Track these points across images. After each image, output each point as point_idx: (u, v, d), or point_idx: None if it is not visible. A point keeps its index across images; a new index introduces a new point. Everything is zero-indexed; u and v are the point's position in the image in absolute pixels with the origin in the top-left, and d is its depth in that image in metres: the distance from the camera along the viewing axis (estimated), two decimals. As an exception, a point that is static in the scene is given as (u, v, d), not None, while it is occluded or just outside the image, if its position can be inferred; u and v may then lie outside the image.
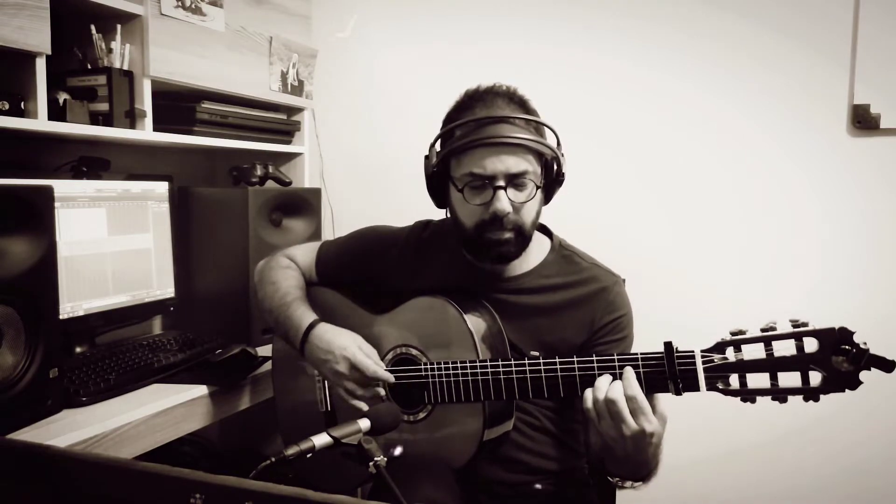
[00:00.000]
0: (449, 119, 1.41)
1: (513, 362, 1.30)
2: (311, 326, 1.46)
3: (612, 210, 2.18)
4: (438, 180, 1.41)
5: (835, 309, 1.98)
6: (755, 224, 2.08)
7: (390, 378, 1.39)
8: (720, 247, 2.11)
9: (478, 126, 1.33)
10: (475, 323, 1.39)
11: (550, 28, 2.22)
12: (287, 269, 1.63)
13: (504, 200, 1.32)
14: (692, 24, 2.09)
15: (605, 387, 1.19)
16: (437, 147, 1.41)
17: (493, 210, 1.32)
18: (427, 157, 1.42)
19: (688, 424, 1.86)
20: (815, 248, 2.03)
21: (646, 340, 1.44)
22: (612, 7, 2.16)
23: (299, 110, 2.43)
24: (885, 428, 1.99)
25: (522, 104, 1.38)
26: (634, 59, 2.14)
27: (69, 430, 1.35)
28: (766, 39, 2.02)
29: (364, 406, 1.39)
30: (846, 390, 1.10)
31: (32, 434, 1.32)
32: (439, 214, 1.53)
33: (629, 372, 1.19)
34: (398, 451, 1.08)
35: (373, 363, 1.39)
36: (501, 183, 1.32)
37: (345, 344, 1.41)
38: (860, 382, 1.10)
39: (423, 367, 1.40)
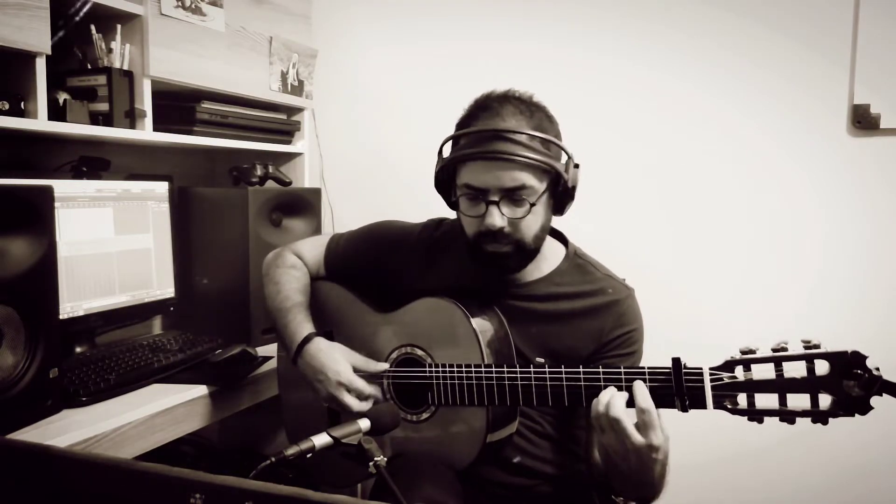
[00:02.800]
0: (460, 125, 1.39)
1: (518, 369, 1.30)
2: (306, 341, 1.47)
3: (611, 209, 2.18)
4: (447, 183, 1.41)
5: (835, 308, 1.99)
6: (755, 223, 2.08)
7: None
8: (720, 246, 2.11)
9: (476, 139, 1.31)
10: (482, 326, 1.38)
11: (550, 28, 2.22)
12: (291, 270, 1.62)
13: (495, 216, 1.30)
14: (692, 24, 2.09)
15: (607, 401, 1.18)
16: (447, 151, 1.40)
17: (485, 225, 1.32)
18: (438, 158, 1.42)
19: (690, 430, 1.86)
20: (816, 248, 2.03)
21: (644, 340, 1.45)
22: (613, 7, 2.15)
23: (299, 110, 2.43)
24: (886, 432, 1.98)
25: (532, 112, 1.34)
26: (634, 58, 2.14)
27: (69, 430, 1.35)
28: (767, 40, 2.02)
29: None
30: (856, 415, 1.09)
31: (32, 434, 1.32)
32: (440, 214, 1.52)
33: (641, 387, 1.18)
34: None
35: (368, 388, 1.41)
36: (494, 198, 1.30)
37: (338, 368, 1.42)
38: (871, 408, 1.08)
39: (427, 368, 1.40)
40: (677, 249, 2.14)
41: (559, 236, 1.51)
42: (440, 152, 1.40)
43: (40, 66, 1.51)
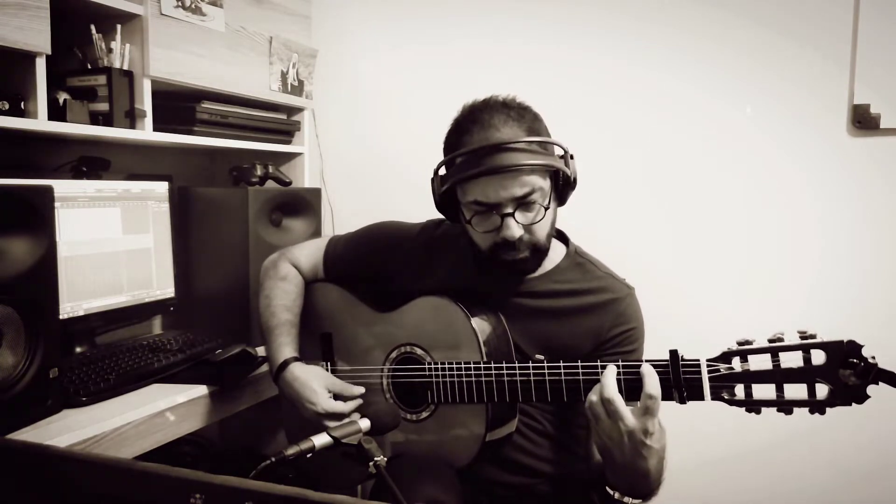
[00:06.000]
0: (448, 143, 1.38)
1: (517, 365, 1.30)
2: (283, 367, 1.50)
3: (610, 209, 2.18)
4: (448, 202, 1.39)
5: (834, 308, 1.98)
6: (755, 224, 2.08)
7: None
8: (719, 246, 2.11)
9: (476, 155, 1.29)
10: (481, 325, 1.39)
11: (550, 28, 2.22)
12: (282, 283, 1.63)
13: (513, 227, 1.30)
14: (692, 25, 2.09)
15: (600, 386, 1.19)
16: (442, 172, 1.38)
17: (503, 237, 1.31)
18: (433, 181, 1.40)
19: (691, 427, 1.86)
20: (815, 248, 2.03)
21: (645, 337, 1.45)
22: (612, 7, 2.15)
23: (299, 110, 2.43)
24: (887, 432, 1.98)
25: (521, 115, 1.33)
26: (634, 59, 2.14)
27: (69, 430, 1.35)
28: (766, 39, 2.02)
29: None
30: (853, 404, 1.10)
31: (32, 434, 1.32)
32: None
33: (652, 374, 1.17)
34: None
35: (348, 406, 1.44)
36: (509, 210, 1.29)
37: (313, 399, 1.44)
38: (867, 396, 1.09)
39: (426, 366, 1.40)
40: (677, 249, 2.14)
41: (560, 235, 1.51)
42: (435, 176, 1.39)
43: (40, 66, 1.51)
